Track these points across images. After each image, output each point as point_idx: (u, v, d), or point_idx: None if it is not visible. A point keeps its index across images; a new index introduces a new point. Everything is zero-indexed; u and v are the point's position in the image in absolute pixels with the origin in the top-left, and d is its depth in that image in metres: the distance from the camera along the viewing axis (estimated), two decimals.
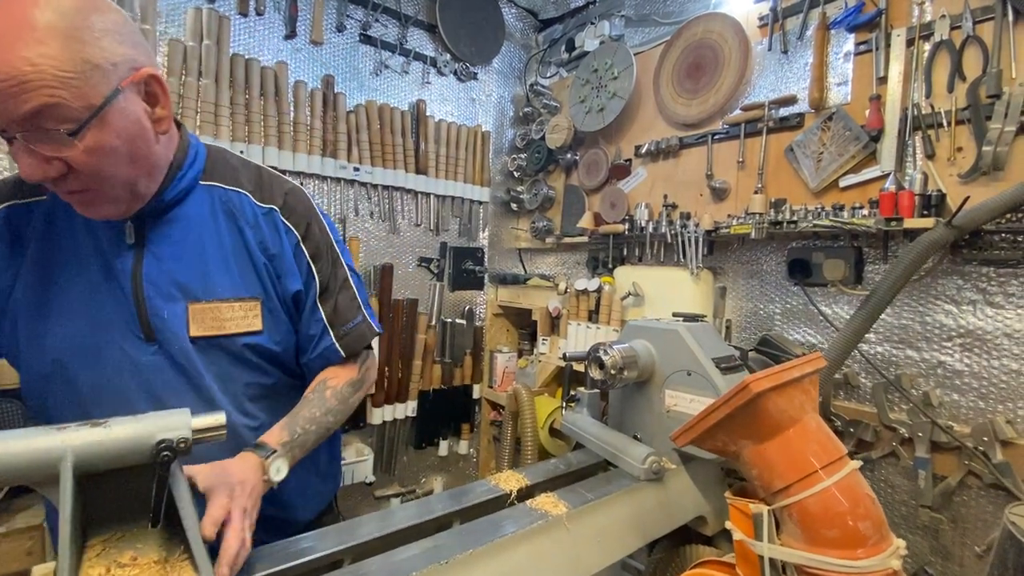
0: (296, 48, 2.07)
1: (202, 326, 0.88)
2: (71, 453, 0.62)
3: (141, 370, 0.86)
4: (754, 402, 0.78)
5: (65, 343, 0.84)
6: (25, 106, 0.65)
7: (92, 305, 0.85)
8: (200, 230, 0.91)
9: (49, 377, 0.85)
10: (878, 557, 0.73)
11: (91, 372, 0.85)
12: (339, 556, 0.89)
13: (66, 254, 0.85)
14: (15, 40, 0.64)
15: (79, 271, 0.85)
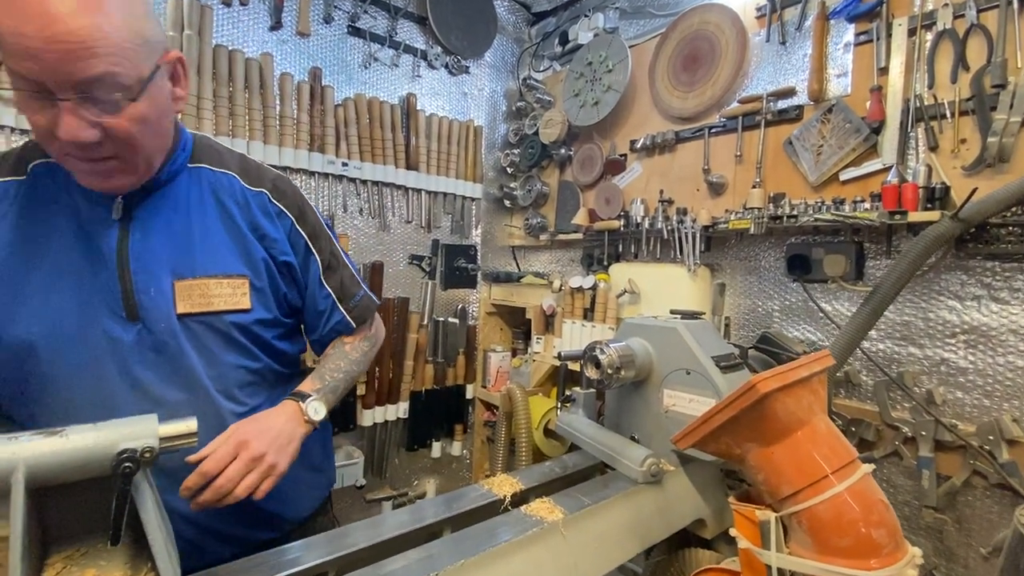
0: (282, 40, 2.01)
1: (189, 302, 0.87)
2: (22, 465, 0.57)
3: (122, 352, 0.84)
4: (761, 403, 0.74)
5: (42, 324, 0.81)
6: (90, 71, 0.68)
7: (71, 284, 0.83)
8: (187, 209, 0.91)
9: (24, 361, 0.81)
10: (893, 567, 0.69)
11: (69, 355, 0.82)
12: (324, 568, 0.85)
13: (43, 233, 0.83)
14: (85, 7, 0.67)
15: (58, 249, 0.83)
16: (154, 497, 0.64)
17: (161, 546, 0.62)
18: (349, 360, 1.08)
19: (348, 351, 1.09)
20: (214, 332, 0.91)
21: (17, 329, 0.81)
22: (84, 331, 0.83)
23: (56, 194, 0.84)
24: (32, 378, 0.83)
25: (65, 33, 0.66)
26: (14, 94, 0.70)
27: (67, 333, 0.82)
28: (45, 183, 0.84)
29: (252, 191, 0.98)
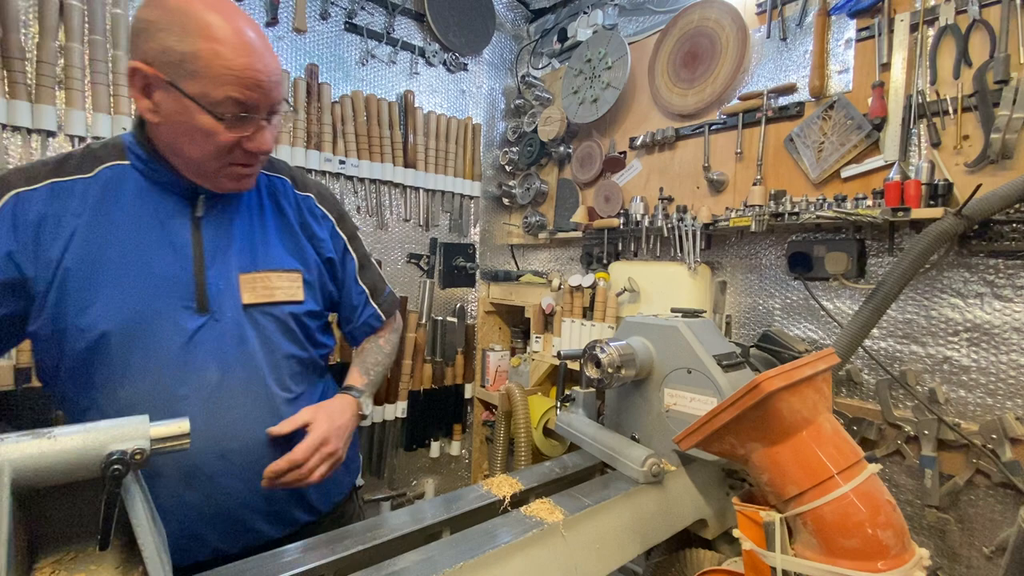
0: (278, 36, 1.99)
1: (254, 294, 0.96)
2: (8, 467, 0.55)
3: (189, 336, 0.90)
4: (765, 402, 0.72)
5: (115, 315, 0.86)
6: (279, 96, 0.89)
7: (144, 277, 0.88)
8: (249, 208, 1.01)
9: (95, 351, 0.86)
10: (900, 569, 0.67)
11: (139, 344, 0.87)
12: (322, 571, 0.84)
13: (121, 226, 0.89)
14: (267, 49, 0.86)
15: (135, 243, 0.89)
16: (145, 500, 0.63)
17: (152, 550, 0.60)
18: (384, 354, 1.23)
19: (382, 344, 1.24)
20: (274, 321, 0.99)
21: (89, 319, 0.85)
22: (155, 322, 0.88)
23: (130, 194, 0.90)
24: (101, 366, 0.86)
25: (273, 67, 0.86)
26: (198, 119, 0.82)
27: (138, 323, 0.87)
28: (116, 184, 0.90)
29: (301, 195, 1.10)
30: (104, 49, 1.59)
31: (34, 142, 1.52)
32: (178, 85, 0.80)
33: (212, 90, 0.80)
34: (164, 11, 0.79)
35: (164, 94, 0.82)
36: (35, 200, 0.85)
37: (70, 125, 1.55)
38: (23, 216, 0.84)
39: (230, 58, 0.80)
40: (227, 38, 0.80)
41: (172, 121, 0.84)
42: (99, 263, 0.86)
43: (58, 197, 0.87)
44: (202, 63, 0.79)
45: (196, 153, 0.87)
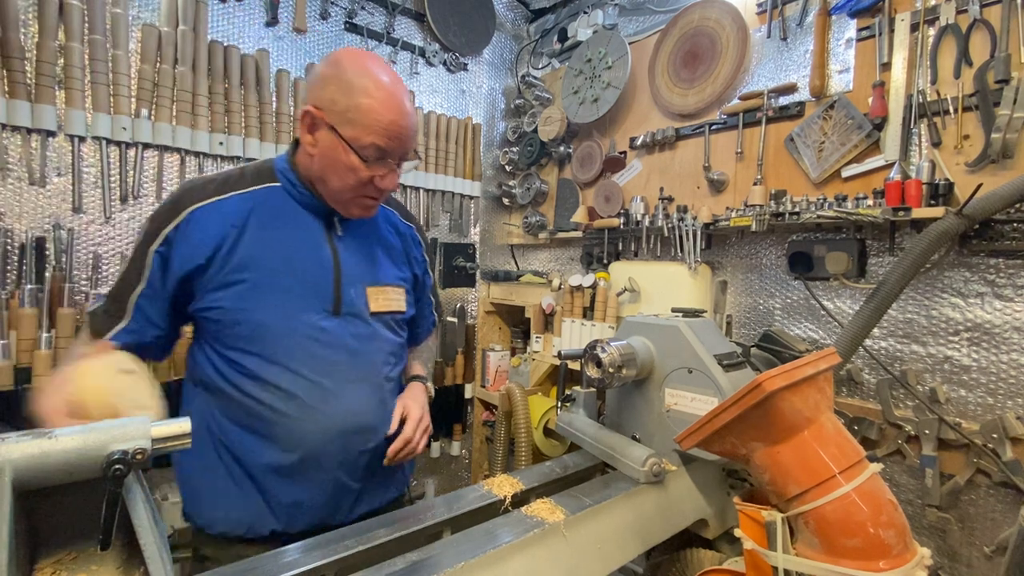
0: (278, 36, 1.99)
1: (377, 303, 1.16)
2: (9, 467, 0.55)
3: (325, 337, 1.09)
4: (767, 402, 0.72)
5: (273, 312, 1.05)
6: (410, 148, 1.08)
7: (295, 281, 1.07)
8: (372, 233, 1.22)
9: (262, 338, 1.04)
10: (902, 569, 0.67)
11: (290, 336, 1.06)
12: (323, 571, 0.83)
13: (276, 237, 1.07)
14: (410, 109, 1.05)
15: (288, 253, 1.07)
16: (146, 500, 0.63)
17: (153, 550, 0.60)
18: (431, 350, 1.49)
19: (431, 346, 1.50)
20: (386, 325, 1.20)
21: (256, 315, 1.04)
22: (300, 319, 1.07)
23: (280, 211, 1.09)
24: (266, 349, 1.05)
25: (412, 124, 1.05)
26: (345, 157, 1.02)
27: (289, 320, 1.06)
28: (270, 201, 1.09)
29: (405, 224, 1.32)
30: (104, 49, 1.59)
31: (34, 142, 1.52)
32: (337, 129, 1.00)
33: (362, 136, 1.00)
34: (338, 70, 1.01)
35: (325, 134, 1.02)
36: (207, 214, 1.04)
37: (70, 125, 1.55)
38: (198, 227, 1.03)
39: (381, 114, 1.00)
40: (381, 99, 1.00)
41: (326, 156, 1.04)
42: (259, 267, 1.05)
43: (225, 210, 1.06)
44: (359, 115, 0.99)
45: (338, 184, 1.06)
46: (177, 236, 1.02)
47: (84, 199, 1.60)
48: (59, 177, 1.57)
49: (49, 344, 1.48)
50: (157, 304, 1.03)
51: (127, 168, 1.66)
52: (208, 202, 1.05)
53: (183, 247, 1.02)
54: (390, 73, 1.05)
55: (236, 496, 1.07)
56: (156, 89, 1.68)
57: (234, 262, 1.03)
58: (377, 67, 1.03)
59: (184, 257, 1.02)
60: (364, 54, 1.06)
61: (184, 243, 1.02)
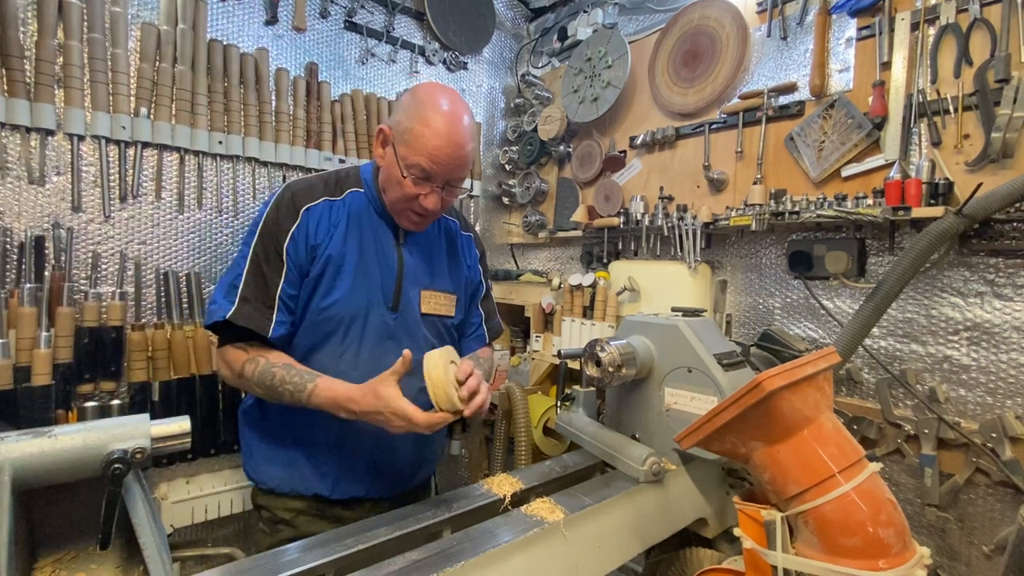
0: (277, 34, 1.98)
1: (428, 306, 1.30)
2: (9, 466, 0.55)
3: (387, 329, 1.24)
4: (767, 401, 0.72)
5: (346, 304, 1.20)
6: (461, 173, 1.18)
7: (367, 280, 1.21)
8: (432, 243, 1.35)
9: (328, 324, 1.20)
10: (902, 568, 0.67)
11: (358, 326, 1.21)
12: (322, 570, 0.84)
13: (357, 240, 1.22)
14: (467, 138, 1.16)
15: (364, 255, 1.22)
16: (145, 499, 0.63)
17: (153, 549, 0.60)
18: (486, 362, 1.46)
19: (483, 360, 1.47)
20: (434, 327, 1.33)
21: (331, 301, 1.19)
22: (369, 312, 1.22)
23: (362, 215, 1.24)
24: (330, 331, 1.20)
25: (464, 155, 1.16)
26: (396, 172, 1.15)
27: (360, 312, 1.21)
28: (356, 206, 1.24)
29: (464, 235, 1.45)
30: (103, 47, 1.58)
31: (33, 140, 1.52)
32: (395, 147, 1.15)
33: (411, 156, 1.12)
34: (413, 98, 1.15)
35: (390, 149, 1.17)
36: (315, 213, 1.20)
37: (69, 124, 1.54)
38: (308, 224, 1.18)
39: (430, 140, 1.11)
40: (436, 127, 1.11)
41: (387, 168, 1.19)
42: (343, 263, 1.20)
43: (327, 211, 1.21)
44: (412, 137, 1.12)
45: (390, 195, 1.21)
46: (299, 234, 1.17)
47: (83, 198, 1.60)
48: (58, 176, 1.57)
49: (48, 343, 1.48)
50: (294, 294, 1.18)
51: (126, 167, 1.65)
52: (316, 203, 1.21)
53: (302, 244, 1.17)
54: (453, 106, 1.15)
55: (291, 458, 1.25)
56: (155, 88, 1.68)
57: (326, 256, 1.19)
58: (442, 99, 1.15)
59: (304, 253, 1.17)
60: (440, 88, 1.19)
61: (303, 240, 1.17)
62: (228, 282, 1.16)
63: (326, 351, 1.21)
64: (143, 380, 1.63)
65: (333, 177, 1.27)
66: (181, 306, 1.72)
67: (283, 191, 1.21)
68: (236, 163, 1.87)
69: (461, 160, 1.16)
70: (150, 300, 1.71)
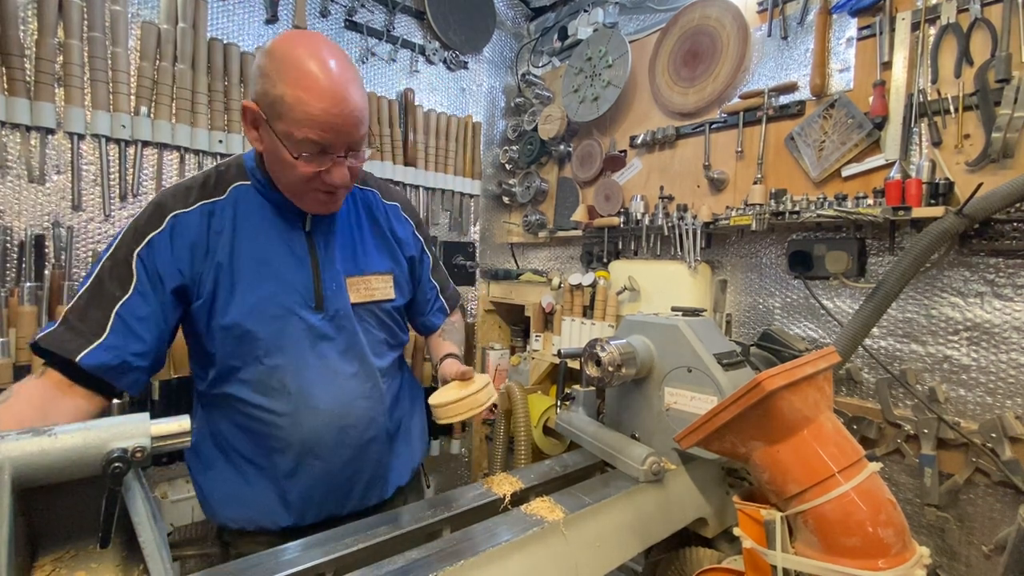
0: (277, 33, 1.98)
1: (357, 294, 1.13)
2: (8, 464, 0.55)
3: (312, 332, 1.07)
4: (766, 401, 0.72)
5: (251, 313, 1.02)
6: (358, 134, 0.97)
7: (273, 281, 1.04)
8: (348, 221, 1.17)
9: (241, 341, 1.03)
10: (901, 568, 0.68)
11: (274, 336, 1.04)
12: (321, 569, 0.84)
13: (252, 239, 1.04)
14: (355, 89, 0.94)
15: (262, 254, 1.04)
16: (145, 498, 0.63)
17: (153, 548, 0.60)
18: (459, 331, 1.43)
19: (458, 328, 1.44)
20: (373, 315, 1.17)
21: (231, 317, 1.01)
22: (285, 317, 1.05)
23: (253, 211, 1.05)
24: (248, 353, 1.03)
25: (352, 111, 0.93)
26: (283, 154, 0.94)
27: (272, 319, 1.04)
28: (244, 202, 1.05)
29: (388, 204, 1.26)
30: (103, 46, 1.58)
31: (33, 139, 1.52)
32: (271, 124, 0.93)
33: (294, 131, 0.92)
34: (270, 59, 0.92)
35: (264, 130, 0.96)
36: (190, 221, 1.01)
37: (69, 122, 1.54)
38: (181, 235, 0.99)
39: (310, 104, 0.90)
40: (311, 86, 0.90)
41: (269, 153, 1.00)
42: (238, 270, 1.02)
43: (206, 216, 1.02)
44: (287, 107, 0.91)
45: (284, 180, 1.02)
46: (161, 242, 0.97)
47: (83, 197, 1.60)
48: (58, 175, 1.57)
49: None
50: (143, 315, 0.95)
51: (126, 166, 1.66)
52: (189, 210, 1.01)
53: (166, 254, 0.97)
54: (328, 54, 0.92)
55: (248, 495, 1.09)
56: (155, 87, 1.68)
57: (216, 268, 1.01)
58: (311, 50, 0.91)
59: (170, 266, 0.97)
60: (298, 36, 0.95)
61: (169, 251, 0.97)
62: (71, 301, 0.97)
63: (253, 372, 1.04)
64: None
65: (212, 175, 1.07)
66: None
67: (152, 199, 1.02)
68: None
69: (356, 117, 0.94)
70: None
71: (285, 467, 1.07)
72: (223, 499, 1.10)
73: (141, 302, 0.95)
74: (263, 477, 1.08)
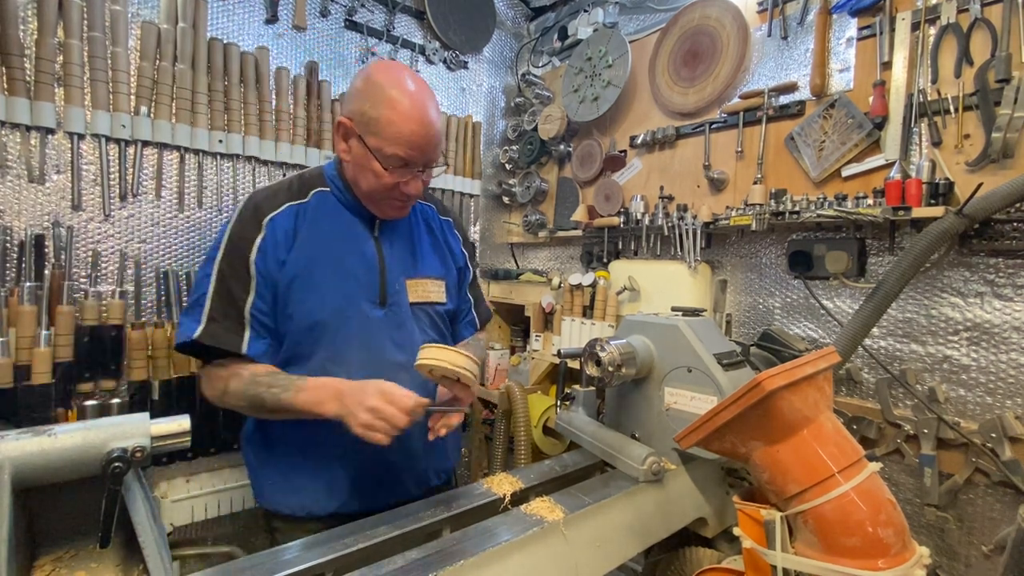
0: (278, 33, 1.98)
1: (415, 294, 1.26)
2: (8, 464, 0.55)
3: (374, 324, 1.20)
4: (766, 401, 0.72)
5: (328, 308, 1.15)
6: (435, 153, 1.16)
7: (347, 279, 1.18)
8: (409, 228, 1.32)
9: (314, 332, 1.15)
10: (901, 568, 0.68)
11: (345, 328, 1.17)
12: (321, 569, 0.84)
13: (330, 240, 1.19)
14: (435, 116, 1.13)
15: (337, 254, 1.19)
16: (145, 498, 0.63)
17: (153, 547, 0.60)
18: (481, 348, 1.51)
19: (481, 343, 1.53)
20: (427, 315, 1.29)
21: (308, 307, 1.15)
22: (354, 312, 1.18)
23: (330, 214, 1.20)
24: (317, 341, 1.16)
25: (434, 134, 1.12)
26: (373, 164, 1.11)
27: (342, 311, 1.17)
28: (323, 205, 1.21)
29: (443, 218, 1.42)
30: (103, 46, 1.58)
31: (33, 139, 1.52)
32: (364, 139, 1.10)
33: (385, 147, 1.09)
34: (367, 83, 1.10)
35: (355, 142, 1.13)
36: (282, 221, 1.16)
37: (69, 122, 1.54)
38: (275, 234, 1.14)
39: (401, 126, 1.08)
40: (403, 111, 1.08)
41: (356, 162, 1.15)
42: (317, 265, 1.16)
43: (292, 216, 1.17)
44: (381, 126, 1.08)
45: (367, 187, 1.16)
46: (266, 245, 1.13)
47: (83, 197, 1.60)
48: (58, 175, 1.57)
49: (48, 342, 1.48)
50: (266, 310, 1.13)
51: (126, 166, 1.65)
52: (280, 211, 1.17)
53: (270, 255, 1.13)
54: (416, 84, 1.12)
55: (300, 483, 1.20)
56: (155, 86, 1.68)
57: (299, 261, 1.15)
58: (402, 79, 1.11)
59: (273, 264, 1.13)
60: (393, 66, 1.15)
61: (271, 251, 1.13)
62: (192, 302, 1.12)
63: (317, 360, 1.16)
64: (143, 379, 1.63)
65: (296, 180, 1.23)
66: (181, 305, 1.72)
67: (246, 202, 1.17)
68: (236, 162, 1.87)
69: (436, 140, 1.14)
70: (150, 299, 1.71)
71: (336, 453, 1.18)
72: (276, 485, 1.21)
73: (263, 300, 1.13)
74: (315, 464, 1.19)
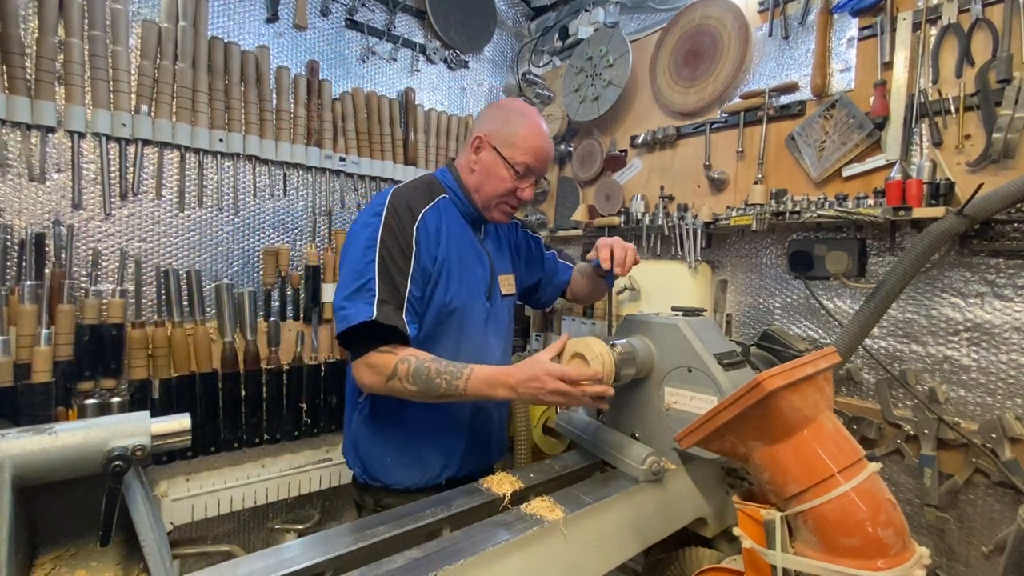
0: (278, 32, 1.98)
1: (505, 288, 1.47)
2: (9, 463, 0.55)
3: (484, 313, 1.39)
4: (767, 401, 0.72)
5: (461, 297, 1.32)
6: (546, 169, 1.41)
7: (470, 273, 1.36)
8: (496, 232, 1.52)
9: (448, 316, 1.32)
10: (901, 568, 0.68)
11: (468, 316, 1.35)
12: (320, 568, 0.84)
13: (455, 240, 1.34)
14: (548, 135, 1.37)
15: (463, 252, 1.35)
16: (146, 496, 0.63)
17: (153, 546, 0.60)
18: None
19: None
20: (507, 305, 1.50)
21: (449, 298, 1.31)
22: (475, 303, 1.36)
23: (454, 219, 1.37)
24: (450, 327, 1.33)
25: (551, 150, 1.39)
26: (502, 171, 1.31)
27: (467, 303, 1.34)
28: (446, 210, 1.36)
29: (516, 221, 1.61)
30: (104, 44, 1.58)
31: (33, 138, 1.52)
32: (499, 149, 1.31)
33: (517, 155, 1.30)
34: (501, 110, 1.36)
35: (487, 154, 1.33)
36: (432, 217, 1.31)
37: (69, 121, 1.54)
38: (427, 227, 1.28)
39: (532, 140, 1.31)
40: (535, 130, 1.32)
41: (485, 170, 1.33)
42: (451, 261, 1.31)
43: (435, 215, 1.32)
44: (519, 139, 1.31)
45: (491, 191, 1.34)
46: (421, 236, 1.26)
47: (84, 195, 1.60)
48: (59, 173, 1.57)
49: (48, 340, 1.48)
50: (418, 299, 1.25)
51: (127, 164, 1.65)
52: (428, 208, 1.31)
53: (423, 246, 1.26)
54: (538, 114, 1.38)
55: (423, 455, 1.33)
56: (156, 85, 1.68)
57: (440, 258, 1.29)
58: (529, 108, 1.37)
59: (425, 256, 1.26)
60: (519, 101, 1.42)
61: (424, 242, 1.26)
62: (353, 289, 1.17)
63: (442, 343, 1.30)
64: (143, 378, 1.64)
65: (425, 185, 1.38)
66: (181, 304, 1.72)
67: (395, 199, 1.28)
68: (237, 161, 1.87)
69: (551, 157, 1.41)
70: (150, 298, 1.71)
71: (448, 425, 1.35)
72: (396, 463, 1.33)
73: (417, 287, 1.24)
74: (435, 438, 1.34)
